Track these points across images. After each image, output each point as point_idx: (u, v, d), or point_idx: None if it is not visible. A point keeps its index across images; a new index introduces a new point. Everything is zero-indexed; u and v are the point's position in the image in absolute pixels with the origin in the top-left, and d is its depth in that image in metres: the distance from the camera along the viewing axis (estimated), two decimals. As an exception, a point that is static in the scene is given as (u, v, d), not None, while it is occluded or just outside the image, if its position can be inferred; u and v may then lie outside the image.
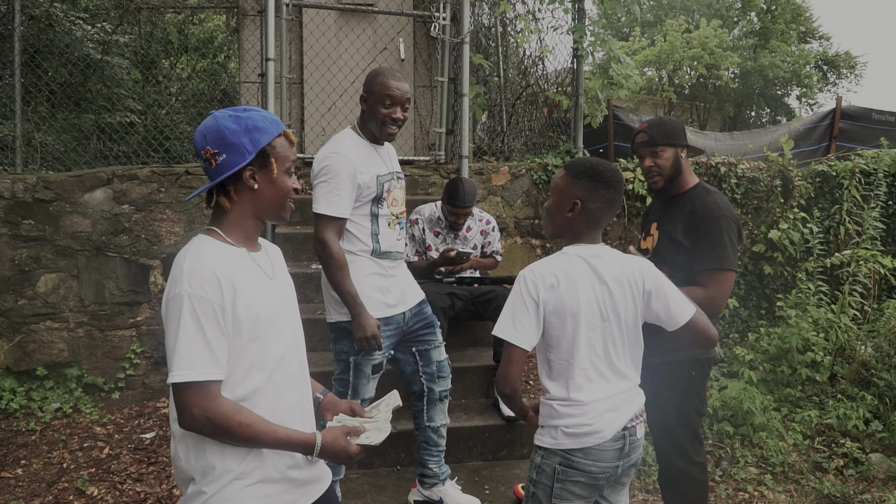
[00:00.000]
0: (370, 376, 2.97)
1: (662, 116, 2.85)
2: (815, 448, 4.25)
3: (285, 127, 1.86)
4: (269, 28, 4.87)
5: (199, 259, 1.67)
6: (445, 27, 5.36)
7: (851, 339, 4.94)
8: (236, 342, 1.68)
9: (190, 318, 1.61)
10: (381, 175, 2.92)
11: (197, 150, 1.75)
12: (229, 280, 1.66)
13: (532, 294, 2.06)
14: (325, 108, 5.66)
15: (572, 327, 2.06)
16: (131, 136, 6.69)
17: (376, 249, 2.95)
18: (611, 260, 2.13)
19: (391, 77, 2.87)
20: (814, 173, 5.95)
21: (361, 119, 2.98)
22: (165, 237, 5.04)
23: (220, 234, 1.76)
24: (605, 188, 2.09)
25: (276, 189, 1.78)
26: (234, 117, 1.72)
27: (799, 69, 25.49)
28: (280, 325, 1.80)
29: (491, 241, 4.37)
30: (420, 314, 3.14)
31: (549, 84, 6.36)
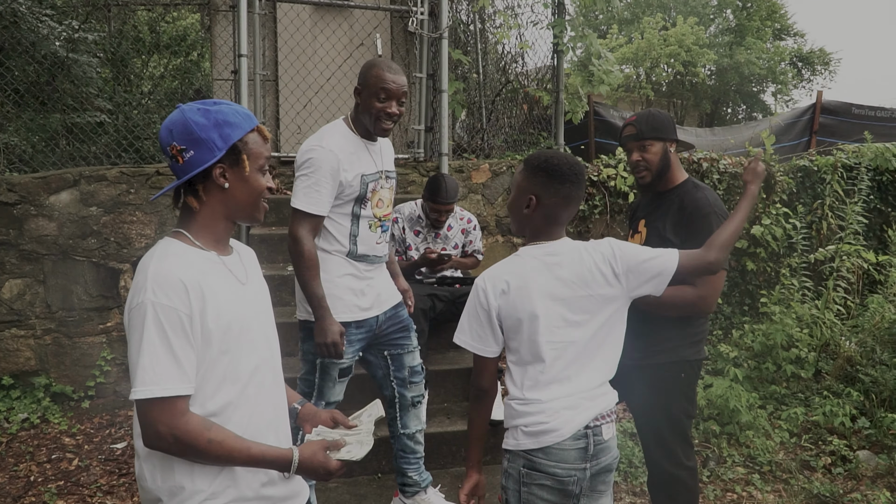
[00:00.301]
0: (336, 380, 2.85)
1: (651, 109, 2.76)
2: (802, 446, 4.20)
3: (259, 122, 1.74)
4: (242, 23, 4.73)
5: (165, 265, 1.55)
6: (423, 22, 5.25)
7: (836, 335, 4.90)
8: (206, 354, 1.58)
9: (154, 328, 1.50)
10: (366, 174, 2.79)
11: (162, 147, 1.63)
12: (197, 287, 1.56)
13: (482, 302, 2.01)
14: (300, 105, 5.53)
15: (529, 332, 1.99)
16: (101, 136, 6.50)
17: (352, 251, 2.83)
18: (569, 255, 2.03)
19: (387, 69, 2.73)
20: (795, 168, 5.92)
21: (355, 112, 2.84)
22: (136, 240, 4.88)
23: (189, 236, 1.65)
24: (561, 182, 1.99)
25: (249, 188, 1.67)
26: (202, 111, 1.61)
27: (774, 66, 25.73)
28: (253, 335, 1.70)
29: (472, 241, 4.26)
30: (395, 317, 3.02)
31: (530, 80, 6.26)
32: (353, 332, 2.83)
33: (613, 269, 2.03)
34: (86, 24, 8.09)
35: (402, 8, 5.40)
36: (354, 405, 3.92)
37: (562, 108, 5.91)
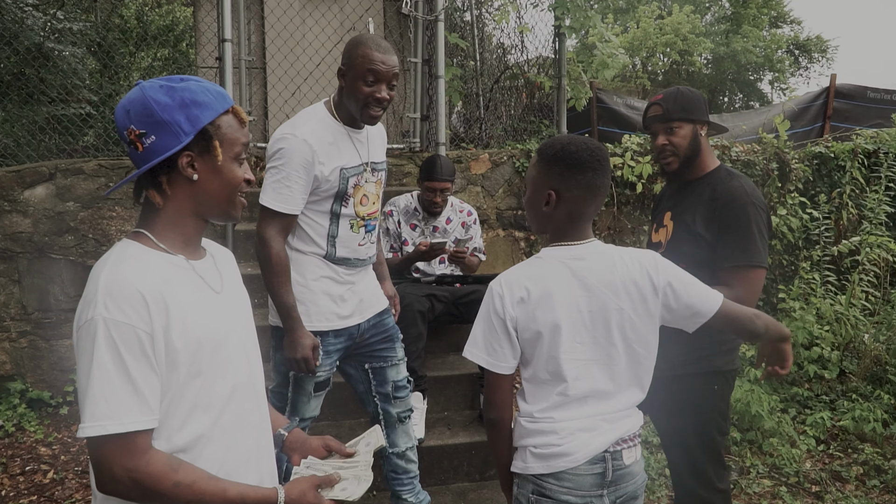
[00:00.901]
0: (312, 394, 2.54)
1: (680, 87, 2.45)
2: (831, 454, 3.92)
3: (234, 102, 1.47)
4: (226, 6, 4.43)
5: (120, 272, 1.30)
6: (418, 4, 4.95)
7: (860, 333, 4.61)
8: (172, 378, 1.34)
9: (107, 350, 1.25)
10: (346, 167, 2.45)
11: (119, 131, 1.39)
12: (160, 299, 1.31)
13: (499, 311, 1.73)
14: (288, 93, 5.21)
15: (549, 346, 1.72)
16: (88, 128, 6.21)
17: (330, 254, 2.50)
18: (599, 260, 1.76)
19: (375, 48, 2.37)
20: (811, 155, 5.62)
21: (338, 96, 2.49)
22: (115, 236, 4.57)
23: (151, 238, 1.40)
24: (582, 172, 1.71)
25: (222, 180, 1.42)
26: (166, 88, 1.36)
27: (771, 54, 25.56)
28: (230, 352, 1.45)
29: (472, 236, 3.95)
30: (379, 326, 2.69)
31: (530, 66, 5.95)
32: (330, 342, 2.52)
33: (653, 283, 1.76)
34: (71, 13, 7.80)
35: (396, -11, 5.09)
36: (346, 414, 3.66)
37: (564, 95, 5.60)
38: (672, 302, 1.78)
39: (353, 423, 3.57)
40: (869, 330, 4.68)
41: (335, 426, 3.53)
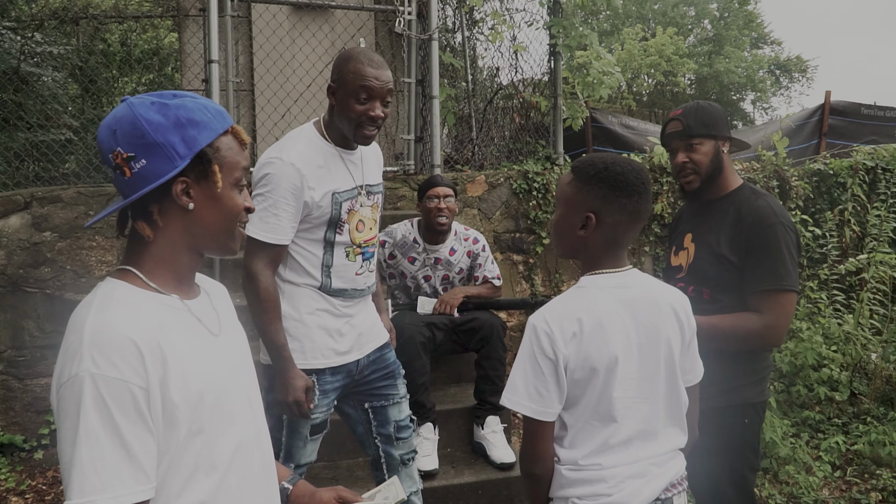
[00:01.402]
0: (308, 438, 2.35)
1: (700, 101, 2.32)
2: (848, 481, 3.77)
3: (234, 122, 1.31)
4: (212, 26, 4.28)
5: (108, 319, 1.14)
6: (411, 22, 4.82)
7: (869, 353, 4.48)
8: (171, 438, 1.17)
9: (96, 412, 1.08)
10: (339, 192, 2.28)
11: (102, 154, 1.22)
12: (156, 348, 1.15)
13: (547, 351, 1.55)
14: (278, 115, 5.06)
15: (603, 385, 1.57)
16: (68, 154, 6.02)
17: (326, 285, 2.32)
18: (644, 290, 1.63)
19: (368, 62, 2.20)
20: (810, 172, 5.54)
21: (329, 115, 2.31)
22: (96, 268, 4.37)
23: (140, 276, 1.24)
24: (627, 195, 1.58)
25: (221, 209, 1.27)
26: (158, 105, 1.21)
27: (753, 74, 25.91)
28: (233, 404, 1.29)
29: (482, 264, 3.71)
30: (379, 361, 2.49)
31: (525, 86, 5.85)
32: (327, 381, 2.34)
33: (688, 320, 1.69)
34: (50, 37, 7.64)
35: (388, 8, 4.96)
36: (344, 454, 3.47)
37: (560, 114, 5.49)
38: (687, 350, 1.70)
39: (350, 463, 3.37)
40: (877, 349, 4.56)
41: (332, 467, 3.34)
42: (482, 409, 3.46)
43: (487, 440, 3.41)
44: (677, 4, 27.33)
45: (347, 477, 3.27)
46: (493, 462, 3.36)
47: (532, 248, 5.05)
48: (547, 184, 5.05)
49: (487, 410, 3.44)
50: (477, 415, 3.48)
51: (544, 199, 5.04)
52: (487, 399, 3.43)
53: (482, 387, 3.45)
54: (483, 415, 3.44)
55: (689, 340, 1.68)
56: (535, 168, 5.10)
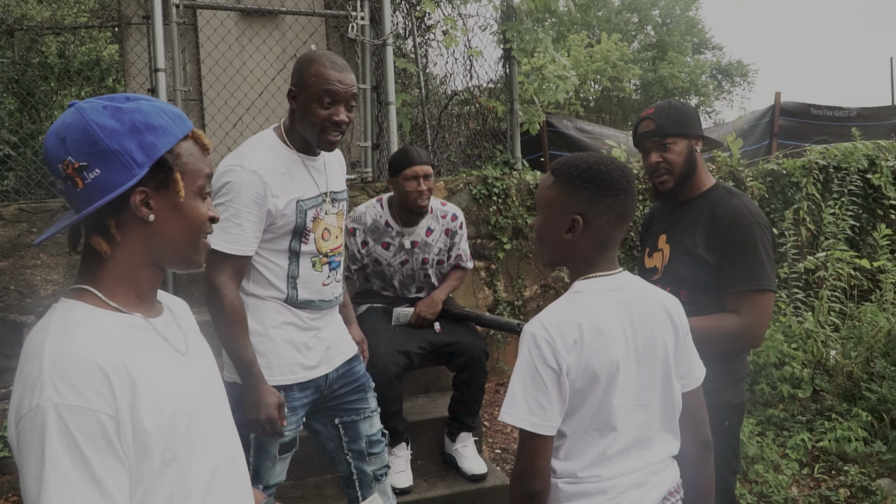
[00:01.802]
0: (276, 458, 2.24)
1: (672, 100, 2.28)
2: (815, 478, 3.79)
3: (193, 126, 1.23)
4: (157, 34, 4.11)
5: (69, 343, 1.06)
6: (364, 28, 4.72)
7: (829, 350, 4.54)
8: (143, 468, 1.09)
9: (62, 444, 1.00)
10: (303, 199, 2.18)
11: (50, 164, 1.12)
12: (123, 372, 1.07)
13: (549, 360, 1.47)
14: (229, 124, 4.90)
15: (604, 393, 1.50)
16: (7, 171, 5.75)
17: (292, 297, 2.21)
18: (637, 293, 1.58)
19: (331, 66, 2.10)
20: (764, 172, 5.62)
21: (290, 120, 2.21)
22: (41, 287, 4.15)
23: (98, 295, 1.15)
24: (613, 195, 1.51)
25: (184, 220, 1.19)
26: (111, 109, 1.12)
27: (696, 79, 26.45)
28: (206, 426, 1.22)
29: (457, 242, 3.40)
30: (349, 375, 2.39)
31: (481, 91, 5.80)
32: (295, 397, 2.23)
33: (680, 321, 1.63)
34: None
35: (340, 13, 4.85)
36: (312, 471, 3.33)
37: (517, 119, 5.46)
38: (680, 352, 1.63)
39: (319, 480, 3.24)
40: (836, 346, 4.62)
41: (299, 486, 3.20)
42: (455, 426, 3.35)
43: (459, 452, 3.32)
44: (621, 11, 27.81)
45: (316, 495, 3.14)
46: (464, 474, 3.27)
47: (494, 253, 5.00)
48: (507, 188, 5.00)
49: (460, 428, 3.34)
50: (450, 430, 3.38)
51: (504, 204, 4.99)
52: (462, 419, 3.33)
53: (458, 408, 3.33)
54: (456, 431, 3.35)
55: (683, 342, 1.62)
56: (494, 173, 5.05)
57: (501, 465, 3.97)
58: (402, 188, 3.13)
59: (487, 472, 3.24)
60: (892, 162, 5.83)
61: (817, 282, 5.02)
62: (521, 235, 5.07)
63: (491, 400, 4.85)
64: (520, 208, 5.02)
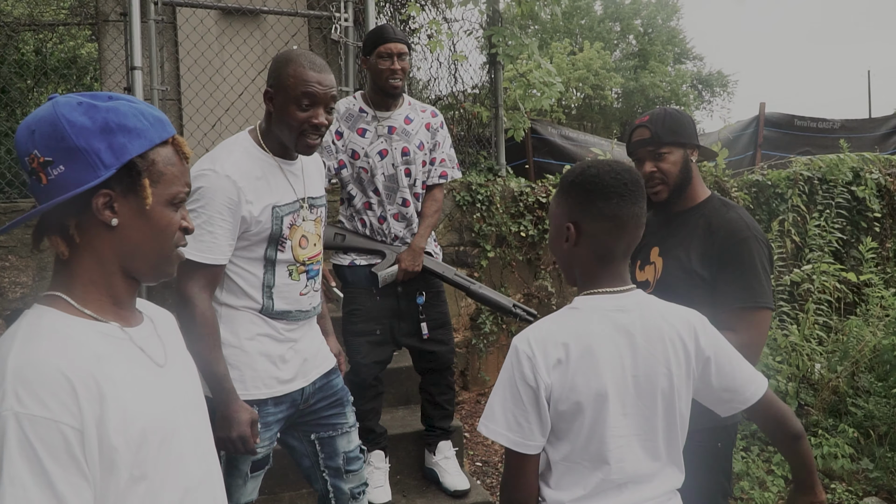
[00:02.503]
0: (248, 476, 2.13)
1: (667, 108, 2.21)
2: (801, 494, 3.73)
3: (175, 132, 1.18)
4: (135, 31, 3.99)
5: (35, 351, 1.02)
6: (348, 30, 4.62)
7: (816, 363, 4.50)
8: (109, 486, 1.03)
9: (21, 457, 0.95)
10: (279, 205, 2.08)
11: (19, 156, 1.10)
12: (91, 383, 1.02)
13: (528, 377, 1.38)
14: (207, 125, 4.77)
15: (592, 421, 1.40)
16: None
17: (267, 307, 2.11)
18: (645, 315, 1.46)
19: (309, 66, 2.00)
20: (749, 183, 5.59)
21: (266, 123, 2.11)
22: (9, 289, 4.00)
23: (70, 302, 1.11)
24: (604, 198, 1.42)
25: (151, 228, 1.14)
26: (86, 106, 1.09)
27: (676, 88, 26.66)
28: (181, 444, 1.16)
29: (440, 142, 3.13)
30: (326, 388, 2.28)
31: (466, 96, 5.72)
32: (269, 412, 2.12)
33: (698, 347, 1.47)
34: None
35: (323, 14, 4.75)
36: (286, 486, 3.22)
37: (502, 125, 5.39)
38: (713, 378, 1.50)
39: (293, 495, 3.12)
40: (821, 360, 4.59)
41: (273, 500, 3.08)
42: (433, 435, 3.26)
43: (440, 466, 3.21)
44: (603, 20, 27.98)
45: (290, 513, 3.03)
46: (446, 489, 3.16)
47: (477, 261, 4.91)
48: (491, 195, 4.92)
49: (438, 436, 3.24)
50: (428, 441, 3.27)
51: (488, 211, 4.91)
52: (437, 425, 3.23)
53: (430, 412, 3.23)
54: (434, 441, 3.24)
55: (712, 358, 1.49)
56: (478, 179, 4.97)
57: (482, 479, 3.88)
58: (375, 67, 2.96)
59: (470, 489, 3.13)
60: (877, 174, 5.84)
61: (803, 295, 4.98)
62: (504, 243, 4.98)
63: (472, 410, 4.76)
64: (504, 216, 4.94)
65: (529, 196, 5.02)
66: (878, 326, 4.58)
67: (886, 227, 5.89)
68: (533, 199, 5.03)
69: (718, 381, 1.50)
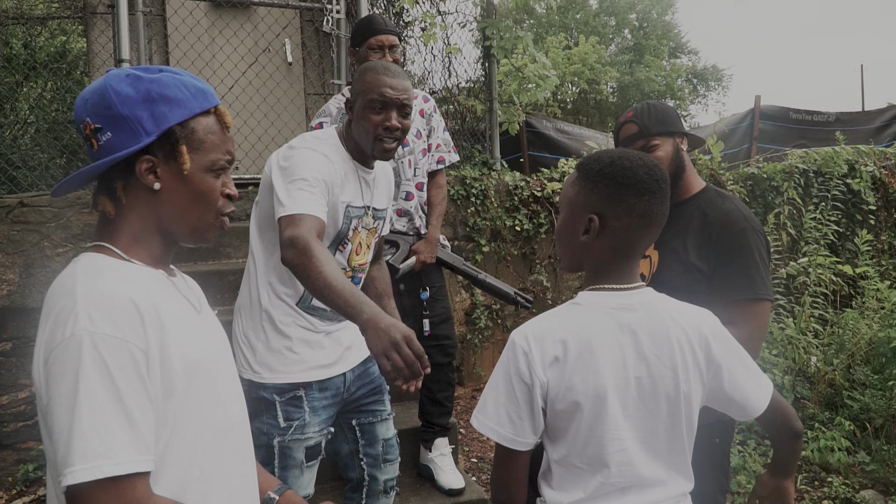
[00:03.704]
0: (304, 465, 2.11)
1: (650, 101, 2.19)
2: (799, 489, 3.70)
3: (220, 102, 1.26)
4: (122, 23, 3.94)
5: (102, 281, 1.10)
6: (340, 21, 4.57)
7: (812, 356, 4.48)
8: (168, 409, 1.11)
9: (96, 373, 1.02)
10: (353, 206, 2.09)
11: (76, 123, 1.21)
12: (153, 312, 1.11)
13: (523, 374, 1.35)
14: (197, 119, 4.72)
15: (590, 422, 1.35)
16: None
17: (305, 301, 2.10)
18: (652, 314, 1.40)
19: (384, 72, 2.07)
20: (744, 176, 5.55)
21: (346, 128, 2.16)
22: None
23: (116, 251, 1.19)
24: (637, 195, 1.37)
25: (191, 192, 1.21)
26: (132, 78, 1.18)
27: (672, 82, 26.66)
28: (223, 383, 1.26)
29: (435, 127, 3.11)
30: (365, 376, 2.29)
31: (460, 90, 5.67)
32: (315, 397, 2.11)
33: (709, 351, 1.41)
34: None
35: (315, 6, 4.70)
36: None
37: (496, 118, 5.35)
38: (725, 384, 1.44)
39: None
40: (817, 353, 4.56)
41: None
42: (430, 432, 3.22)
43: (435, 463, 3.18)
44: (598, 14, 27.94)
45: None
46: (440, 487, 3.13)
47: (471, 255, 4.86)
48: (485, 189, 4.87)
49: (436, 432, 3.21)
50: (424, 438, 3.24)
51: (483, 205, 4.87)
52: (435, 422, 3.20)
53: (429, 408, 3.21)
54: (431, 437, 3.21)
55: (723, 364, 1.43)
56: (472, 173, 4.92)
57: (478, 476, 3.84)
58: (365, 59, 2.91)
59: (464, 487, 3.10)
60: (872, 167, 5.81)
61: (799, 287, 4.96)
62: (499, 237, 4.94)
63: (467, 406, 4.72)
64: (498, 210, 4.89)
65: (524, 190, 4.98)
66: (874, 319, 4.56)
67: (881, 220, 5.88)
68: (528, 193, 4.99)
69: (731, 389, 1.45)
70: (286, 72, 5.08)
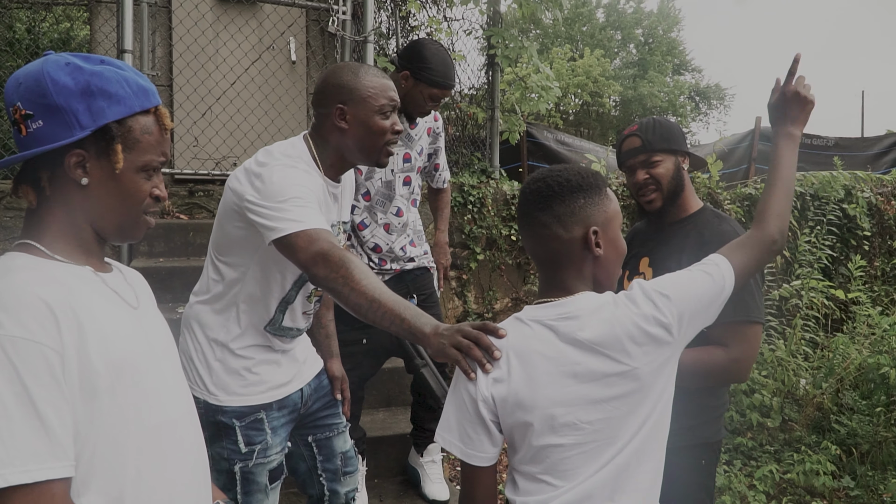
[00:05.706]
0: (268, 487, 2.01)
1: (655, 117, 2.18)
2: (781, 512, 3.70)
3: (160, 102, 1.22)
4: (127, 13, 3.91)
5: (14, 281, 1.06)
6: (345, 23, 4.56)
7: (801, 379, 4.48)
8: (93, 410, 1.06)
9: (3, 379, 0.98)
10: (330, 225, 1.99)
11: (6, 103, 1.16)
12: (69, 311, 1.05)
13: (470, 390, 1.35)
14: (198, 113, 4.71)
15: (538, 432, 1.33)
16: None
17: (276, 321, 2.00)
18: (595, 315, 1.35)
19: (381, 75, 1.96)
20: (741, 196, 5.56)
21: (323, 141, 1.98)
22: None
23: (41, 248, 1.15)
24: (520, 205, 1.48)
25: (120, 192, 1.17)
26: (72, 67, 1.13)
27: (674, 99, 26.74)
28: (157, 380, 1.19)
29: (440, 147, 3.06)
30: (319, 389, 2.21)
31: (462, 97, 5.67)
32: (274, 416, 2.02)
33: (661, 320, 1.36)
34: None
35: (321, 6, 4.69)
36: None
37: (497, 127, 5.35)
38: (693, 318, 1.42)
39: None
40: (806, 376, 4.56)
41: None
42: (423, 437, 3.17)
43: (424, 470, 3.14)
44: (605, 28, 28.03)
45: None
46: (424, 496, 3.11)
47: (466, 263, 4.86)
48: (483, 197, 4.87)
49: (428, 438, 3.15)
50: (416, 442, 3.20)
51: (479, 213, 4.86)
52: (428, 427, 3.15)
53: (421, 414, 3.17)
54: (423, 443, 3.17)
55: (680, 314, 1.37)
56: (471, 181, 4.92)
57: (462, 484, 3.82)
58: (414, 95, 2.78)
59: (448, 500, 3.07)
60: (868, 193, 5.83)
61: (791, 310, 4.96)
62: (494, 246, 4.94)
63: (454, 414, 4.70)
64: (495, 218, 4.89)
65: (521, 199, 4.98)
66: (864, 344, 4.56)
67: (875, 246, 5.89)
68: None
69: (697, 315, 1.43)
70: (289, 70, 5.07)
